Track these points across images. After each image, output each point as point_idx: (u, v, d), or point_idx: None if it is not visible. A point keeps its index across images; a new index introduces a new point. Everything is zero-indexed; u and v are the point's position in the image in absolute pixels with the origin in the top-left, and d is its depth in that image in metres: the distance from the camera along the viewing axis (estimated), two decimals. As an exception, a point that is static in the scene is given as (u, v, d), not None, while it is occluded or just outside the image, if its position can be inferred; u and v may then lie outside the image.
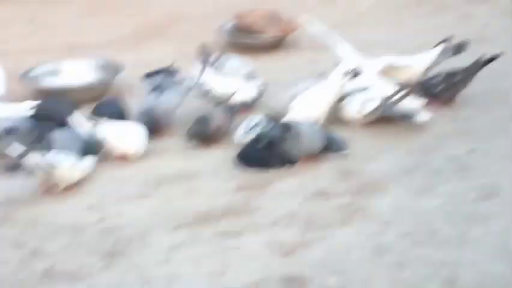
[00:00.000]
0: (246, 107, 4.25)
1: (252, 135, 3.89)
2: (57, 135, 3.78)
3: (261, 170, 3.72)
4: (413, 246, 3.05)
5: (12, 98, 4.38)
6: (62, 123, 3.93)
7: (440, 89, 4.25)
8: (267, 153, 3.78)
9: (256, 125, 3.95)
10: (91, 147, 3.73)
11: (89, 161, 3.69)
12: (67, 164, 3.54)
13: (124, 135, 3.83)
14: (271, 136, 3.77)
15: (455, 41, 4.51)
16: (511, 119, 4.14)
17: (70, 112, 3.96)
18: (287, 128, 3.75)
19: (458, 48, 4.53)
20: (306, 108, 4.01)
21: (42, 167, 3.45)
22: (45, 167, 3.46)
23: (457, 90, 4.28)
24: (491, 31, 5.49)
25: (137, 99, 4.29)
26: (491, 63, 4.29)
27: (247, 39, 5.35)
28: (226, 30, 5.45)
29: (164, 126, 4.10)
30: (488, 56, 4.29)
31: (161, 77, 4.25)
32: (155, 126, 4.02)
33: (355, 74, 4.10)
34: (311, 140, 3.77)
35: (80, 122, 3.86)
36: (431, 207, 3.33)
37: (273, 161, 3.76)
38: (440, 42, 4.49)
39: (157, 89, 4.16)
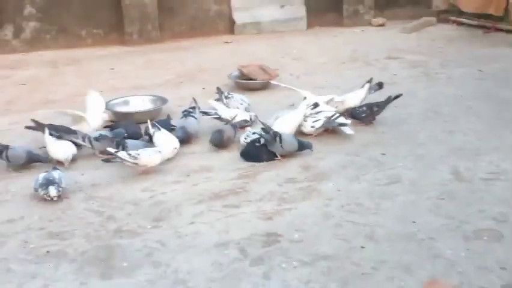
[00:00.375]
0: (245, 125, 4.22)
1: (250, 139, 3.85)
2: (128, 142, 3.78)
3: (256, 162, 3.68)
4: (346, 214, 3.03)
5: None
6: (130, 135, 3.92)
7: (364, 115, 4.23)
8: (261, 151, 3.74)
9: (253, 134, 3.91)
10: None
11: (171, 148, 3.68)
12: (147, 154, 3.53)
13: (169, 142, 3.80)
14: (265, 139, 3.73)
15: (375, 82, 4.51)
16: (409, 134, 4.10)
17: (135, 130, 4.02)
18: (275, 134, 3.72)
19: (379, 86, 4.52)
20: (283, 126, 3.98)
21: (131, 157, 3.47)
22: (132, 158, 3.47)
23: (375, 116, 4.25)
24: (399, 78, 5.46)
25: (175, 120, 4.24)
26: (397, 99, 4.28)
27: (247, 82, 5.31)
28: (233, 76, 5.41)
29: (192, 137, 4.06)
30: (395, 94, 4.28)
31: (188, 108, 4.22)
32: (186, 138, 3.99)
33: (314, 105, 4.08)
34: (290, 144, 3.74)
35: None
36: (358, 189, 3.31)
37: (264, 156, 3.72)
38: (366, 83, 4.48)
39: (185, 115, 4.14)
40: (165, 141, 3.76)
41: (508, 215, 2.94)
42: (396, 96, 4.25)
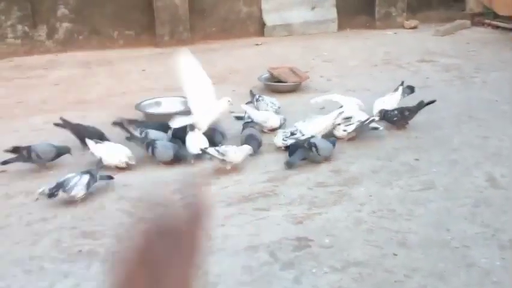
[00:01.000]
0: (275, 128, 4.21)
1: (290, 141, 3.82)
2: (158, 143, 3.79)
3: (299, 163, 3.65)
4: (378, 220, 3.00)
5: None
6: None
7: (396, 119, 4.17)
8: (304, 154, 3.70)
9: (291, 135, 3.88)
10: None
11: (247, 149, 3.68)
12: (233, 151, 3.58)
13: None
14: (302, 152, 3.70)
15: (406, 85, 4.47)
16: (443, 139, 4.04)
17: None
18: (310, 145, 3.68)
19: (410, 90, 4.47)
20: (309, 127, 3.96)
21: (219, 154, 3.54)
22: (220, 154, 3.54)
23: (407, 120, 4.19)
24: (432, 81, 5.38)
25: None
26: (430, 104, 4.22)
27: (277, 85, 5.30)
28: (263, 79, 5.41)
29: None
30: (428, 100, 4.22)
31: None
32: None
33: (348, 118, 4.04)
34: (326, 149, 3.73)
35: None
36: (390, 194, 3.27)
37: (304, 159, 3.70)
38: (398, 86, 4.43)
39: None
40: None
41: (546, 224, 2.87)
42: (429, 102, 4.18)
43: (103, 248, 2.81)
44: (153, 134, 3.88)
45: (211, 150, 3.60)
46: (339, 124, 4.01)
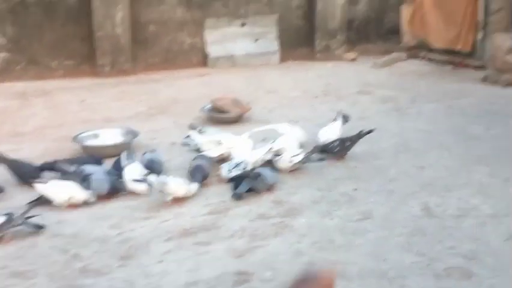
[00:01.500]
0: (222, 159, 4.19)
1: (235, 172, 3.82)
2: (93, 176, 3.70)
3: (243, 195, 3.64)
4: (318, 251, 3.01)
5: (66, 153, 4.30)
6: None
7: (336, 150, 4.25)
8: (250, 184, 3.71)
9: (235, 167, 3.88)
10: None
11: (193, 186, 3.61)
12: (174, 183, 3.51)
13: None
14: (249, 182, 3.71)
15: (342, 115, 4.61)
16: (380, 169, 4.13)
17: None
18: (256, 175, 3.72)
19: (346, 119, 4.59)
20: (251, 157, 4.01)
21: (158, 184, 3.49)
22: (159, 184, 3.49)
23: (346, 150, 4.28)
24: (370, 112, 5.53)
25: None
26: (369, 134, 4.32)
27: (220, 116, 5.31)
28: (206, 110, 5.40)
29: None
30: (367, 129, 4.32)
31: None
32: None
33: (278, 152, 4.07)
34: (272, 176, 3.78)
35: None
36: (330, 225, 3.30)
37: (248, 190, 3.68)
38: (336, 116, 4.56)
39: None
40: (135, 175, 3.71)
41: (478, 253, 2.96)
42: (368, 132, 4.29)
43: (34, 288, 2.69)
44: (89, 168, 3.78)
45: (151, 179, 3.54)
46: (277, 156, 4.04)
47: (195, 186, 3.65)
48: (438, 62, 7.56)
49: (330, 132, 4.41)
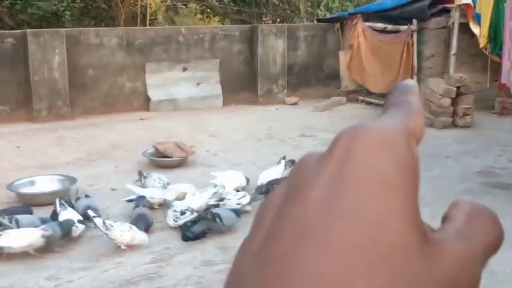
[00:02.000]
0: (166, 204, 4.07)
1: (183, 219, 3.69)
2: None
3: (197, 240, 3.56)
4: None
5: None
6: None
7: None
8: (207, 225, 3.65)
9: (182, 214, 3.76)
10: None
11: (142, 234, 3.44)
12: (119, 229, 3.36)
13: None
14: (207, 224, 3.65)
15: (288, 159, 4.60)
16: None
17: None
18: (214, 216, 3.64)
19: (292, 162, 4.60)
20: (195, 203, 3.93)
21: (103, 227, 3.35)
22: (104, 227, 3.34)
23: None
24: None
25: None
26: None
27: (162, 160, 5.20)
28: (147, 154, 5.29)
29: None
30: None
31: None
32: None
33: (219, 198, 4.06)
34: (230, 218, 3.70)
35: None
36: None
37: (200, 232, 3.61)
38: (280, 159, 4.56)
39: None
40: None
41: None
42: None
43: None
44: (24, 219, 3.57)
45: (98, 221, 3.40)
46: (220, 200, 3.99)
47: (144, 236, 3.48)
48: (376, 106, 7.80)
49: (272, 175, 4.40)
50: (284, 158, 4.60)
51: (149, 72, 7.59)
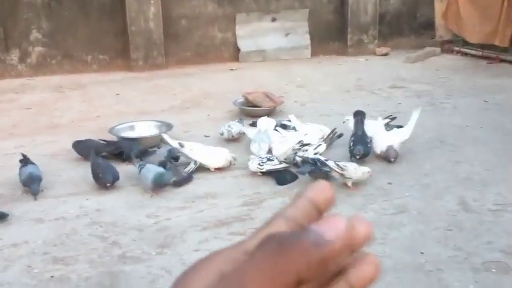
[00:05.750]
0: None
1: (265, 167, 3.83)
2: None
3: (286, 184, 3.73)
4: (353, 243, 3.01)
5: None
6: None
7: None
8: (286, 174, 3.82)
9: (268, 160, 3.89)
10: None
11: (366, 169, 3.69)
12: (352, 167, 3.62)
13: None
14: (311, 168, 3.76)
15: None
16: (415, 163, 4.10)
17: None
18: (315, 160, 3.76)
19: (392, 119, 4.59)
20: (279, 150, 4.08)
21: (338, 168, 3.59)
22: (340, 168, 3.59)
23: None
24: (403, 107, 5.47)
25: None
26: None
27: (252, 109, 5.33)
28: (238, 103, 5.43)
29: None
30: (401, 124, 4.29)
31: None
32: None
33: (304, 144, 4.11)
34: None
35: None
36: (365, 218, 3.29)
37: (288, 178, 3.78)
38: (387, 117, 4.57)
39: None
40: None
41: (517, 247, 2.93)
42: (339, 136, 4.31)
43: (75, 274, 2.76)
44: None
45: (331, 164, 3.63)
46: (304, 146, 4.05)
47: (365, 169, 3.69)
48: (473, 57, 7.45)
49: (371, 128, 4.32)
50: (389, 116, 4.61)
51: (239, 23, 7.67)
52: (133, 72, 6.98)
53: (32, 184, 3.54)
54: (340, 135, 4.29)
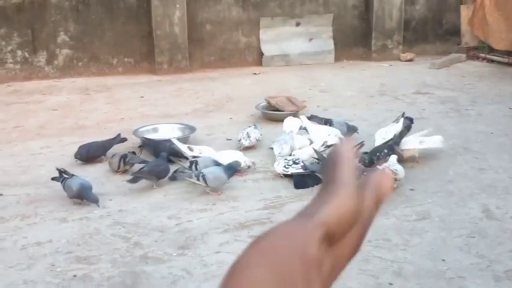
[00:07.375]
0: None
1: (294, 169, 3.84)
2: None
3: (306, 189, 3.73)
4: (374, 249, 3.00)
5: (128, 146, 4.45)
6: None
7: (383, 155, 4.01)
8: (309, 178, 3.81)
9: (294, 163, 3.89)
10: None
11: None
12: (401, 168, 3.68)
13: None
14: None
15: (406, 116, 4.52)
16: (438, 169, 4.07)
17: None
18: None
19: (410, 120, 4.52)
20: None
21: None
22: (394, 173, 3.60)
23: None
24: (428, 113, 5.44)
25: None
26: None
27: (274, 113, 5.34)
28: (260, 107, 5.45)
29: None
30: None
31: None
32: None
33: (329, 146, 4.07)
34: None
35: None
36: (387, 224, 3.28)
37: (310, 183, 3.77)
38: (399, 117, 4.45)
39: None
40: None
41: (541, 256, 2.88)
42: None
43: (97, 273, 2.80)
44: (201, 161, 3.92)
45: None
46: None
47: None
48: (499, 64, 7.35)
49: (390, 133, 4.22)
50: (403, 115, 4.48)
51: (263, 27, 7.70)
52: (157, 76, 7.06)
53: (88, 195, 3.47)
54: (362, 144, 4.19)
